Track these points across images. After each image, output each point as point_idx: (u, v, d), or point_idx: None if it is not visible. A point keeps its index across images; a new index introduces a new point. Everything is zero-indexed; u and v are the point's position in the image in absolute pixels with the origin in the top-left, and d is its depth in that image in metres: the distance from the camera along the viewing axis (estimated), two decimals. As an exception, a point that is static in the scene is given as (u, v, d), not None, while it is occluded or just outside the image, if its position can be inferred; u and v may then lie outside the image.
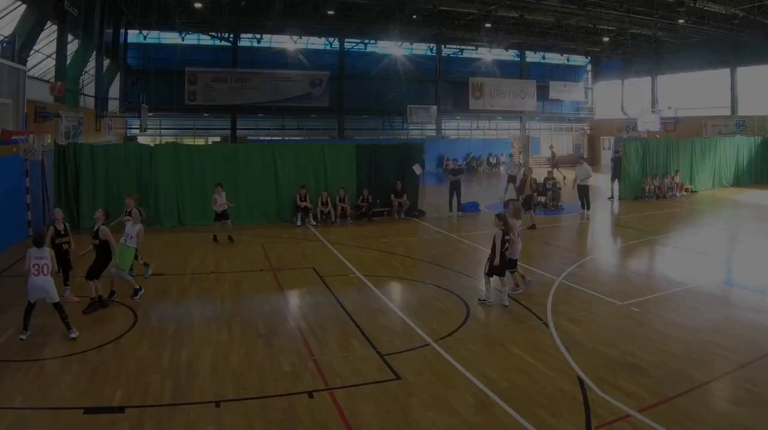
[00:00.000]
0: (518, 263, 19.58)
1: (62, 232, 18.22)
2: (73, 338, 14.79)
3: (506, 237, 18.20)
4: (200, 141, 67.12)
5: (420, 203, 35.72)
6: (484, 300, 18.22)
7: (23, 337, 14.76)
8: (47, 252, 15.31)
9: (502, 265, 18.08)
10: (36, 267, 14.97)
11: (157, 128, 67.05)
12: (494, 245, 18.09)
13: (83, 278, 17.56)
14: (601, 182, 45.81)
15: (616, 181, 42.55)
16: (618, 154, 44.14)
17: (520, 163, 34.21)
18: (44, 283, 14.94)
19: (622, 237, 30.43)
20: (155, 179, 31.18)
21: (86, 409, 11.28)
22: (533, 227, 30.67)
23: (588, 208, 35.92)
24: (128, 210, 20.07)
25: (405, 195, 33.95)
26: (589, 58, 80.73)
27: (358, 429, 10.74)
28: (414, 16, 59.61)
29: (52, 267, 15.17)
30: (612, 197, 41.28)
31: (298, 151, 34.29)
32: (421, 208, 35.29)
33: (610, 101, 79.27)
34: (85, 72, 45.55)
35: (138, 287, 18.59)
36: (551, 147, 71.08)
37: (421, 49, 73.68)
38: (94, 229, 17.72)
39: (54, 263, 15.41)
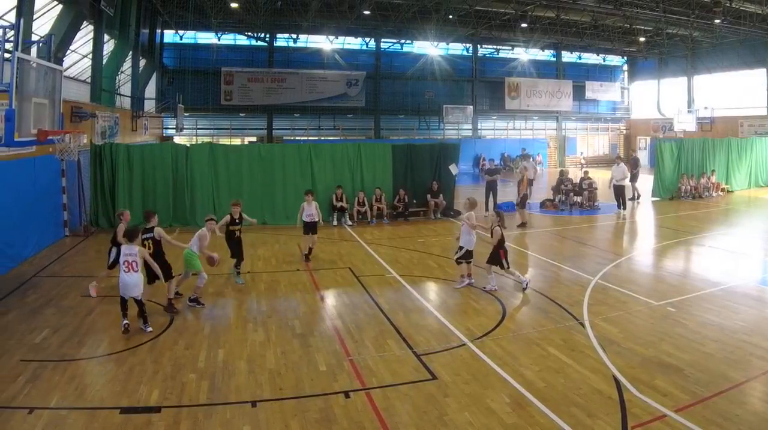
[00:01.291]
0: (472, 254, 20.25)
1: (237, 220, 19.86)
2: (149, 330, 15.35)
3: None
4: (236, 141, 67.14)
5: (456, 203, 35.60)
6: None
7: (125, 323, 15.33)
8: (138, 249, 15.47)
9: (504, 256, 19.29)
10: (126, 264, 15.18)
11: (193, 128, 67.18)
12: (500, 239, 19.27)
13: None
14: (640, 182, 45.47)
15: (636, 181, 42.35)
16: (634, 153, 43.87)
17: (523, 164, 33.99)
18: (136, 280, 15.29)
19: (657, 237, 30.40)
20: (191, 179, 31.31)
21: (122, 409, 11.40)
22: (523, 224, 31.23)
23: (624, 208, 35.85)
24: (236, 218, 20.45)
25: (441, 195, 33.97)
26: (626, 58, 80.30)
27: (394, 429, 10.80)
28: (450, 16, 59.64)
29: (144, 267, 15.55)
30: (633, 198, 40.93)
31: (334, 151, 34.23)
32: (458, 208, 35.18)
33: (646, 101, 78.74)
34: (121, 72, 46.02)
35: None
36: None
37: (457, 49, 73.35)
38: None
39: (148, 259, 15.87)
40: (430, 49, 70.40)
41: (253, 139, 68.00)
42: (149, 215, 18.23)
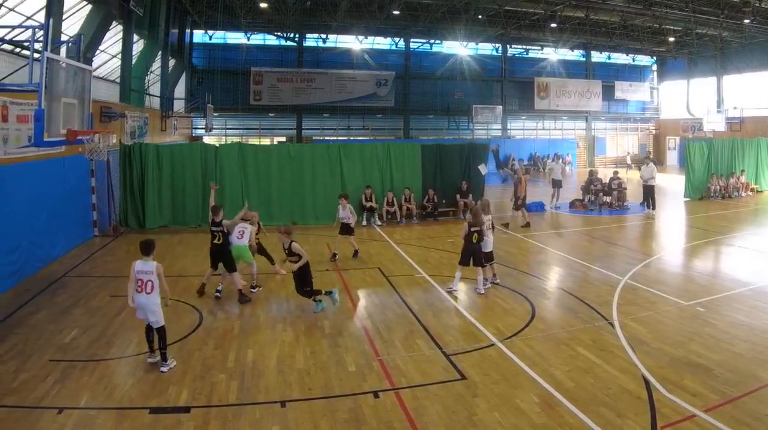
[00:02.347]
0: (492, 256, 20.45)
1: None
2: (162, 372, 13.08)
3: (472, 229, 19.21)
4: (265, 141, 67.37)
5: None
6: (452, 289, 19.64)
7: (150, 359, 13.63)
8: (155, 266, 13.47)
9: (467, 256, 19.45)
10: (139, 282, 13.37)
11: (222, 128, 67.51)
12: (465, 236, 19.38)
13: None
14: (666, 182, 45.29)
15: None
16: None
17: (522, 167, 33.82)
18: (146, 302, 13.37)
19: (687, 237, 30.32)
20: (220, 179, 31.19)
21: (152, 409, 11.49)
22: (528, 225, 31.23)
23: (653, 208, 35.76)
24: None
25: (470, 195, 33.87)
26: (655, 58, 79.98)
27: (423, 429, 10.84)
28: (479, 16, 59.66)
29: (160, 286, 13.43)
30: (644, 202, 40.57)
31: (363, 151, 34.22)
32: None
33: (675, 101, 78.35)
34: (151, 72, 46.19)
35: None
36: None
37: (486, 49, 73.26)
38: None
39: (163, 283, 13.53)
40: (460, 49, 70.34)
41: (283, 139, 68.28)
42: (217, 209, 18.91)
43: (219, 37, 66.28)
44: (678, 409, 11.25)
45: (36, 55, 16.05)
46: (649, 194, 36.24)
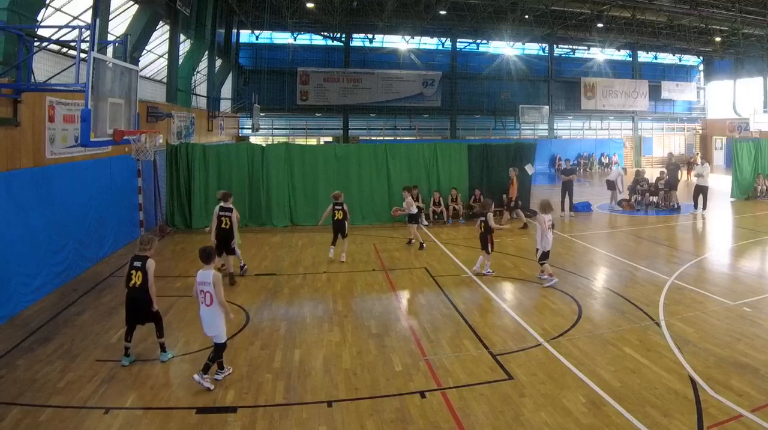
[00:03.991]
0: (549, 254, 20.90)
1: None
2: (208, 389, 12.35)
3: (481, 219, 20.99)
4: (312, 141, 67.72)
5: (532, 203, 35.39)
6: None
7: (218, 377, 12.89)
8: (212, 275, 12.76)
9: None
10: (201, 294, 12.84)
11: (269, 128, 67.81)
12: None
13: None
14: (712, 182, 45.00)
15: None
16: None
17: (514, 171, 33.56)
18: (205, 315, 12.92)
19: (734, 237, 30.03)
20: (267, 179, 31.55)
21: (198, 409, 11.62)
22: (525, 226, 31.44)
23: (704, 209, 35.58)
24: None
25: (515, 195, 33.81)
26: (701, 57, 79.38)
27: (470, 429, 10.92)
28: (526, 16, 59.61)
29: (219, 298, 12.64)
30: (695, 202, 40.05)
31: (410, 151, 34.19)
32: (534, 208, 35.14)
33: (722, 101, 77.78)
34: (197, 72, 46.39)
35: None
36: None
37: (532, 48, 73.09)
38: None
39: (219, 293, 12.69)
40: (506, 48, 70.24)
41: (329, 139, 68.52)
42: (227, 195, 20.17)
43: (266, 37, 66.65)
44: (724, 409, 11.23)
45: (83, 55, 16.25)
46: (699, 194, 36.02)
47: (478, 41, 70.24)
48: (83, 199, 22.04)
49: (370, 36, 68.20)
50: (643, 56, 77.64)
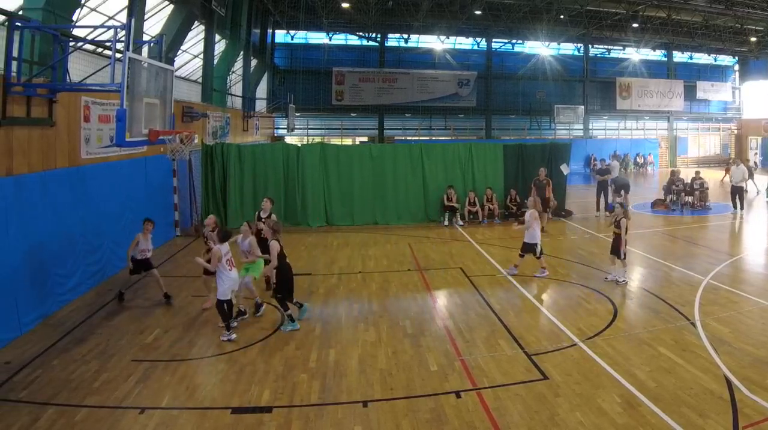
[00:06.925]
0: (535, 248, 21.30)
1: None
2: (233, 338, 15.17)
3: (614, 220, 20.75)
4: (347, 141, 67.67)
5: (567, 203, 35.50)
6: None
7: (223, 338, 15.22)
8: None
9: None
10: (229, 262, 15.64)
11: (304, 128, 68.00)
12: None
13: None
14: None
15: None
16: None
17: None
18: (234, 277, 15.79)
19: (770, 237, 29.87)
20: (302, 179, 31.56)
21: (233, 409, 11.66)
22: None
23: (741, 209, 35.36)
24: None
25: (553, 195, 33.70)
26: (737, 57, 78.86)
27: (505, 429, 10.91)
28: (561, 16, 59.37)
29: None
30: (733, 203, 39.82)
31: (445, 151, 34.15)
32: (569, 208, 35.17)
33: (757, 101, 77.10)
34: (233, 72, 46.51)
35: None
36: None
37: (568, 49, 72.81)
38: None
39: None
40: (541, 49, 69.94)
41: (364, 139, 68.39)
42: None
43: (301, 37, 66.74)
44: (760, 409, 11.17)
45: (118, 55, 16.25)
46: (736, 195, 35.82)
47: (514, 41, 69.95)
48: (118, 199, 22.16)
49: (406, 36, 67.99)
50: (679, 56, 77.14)
